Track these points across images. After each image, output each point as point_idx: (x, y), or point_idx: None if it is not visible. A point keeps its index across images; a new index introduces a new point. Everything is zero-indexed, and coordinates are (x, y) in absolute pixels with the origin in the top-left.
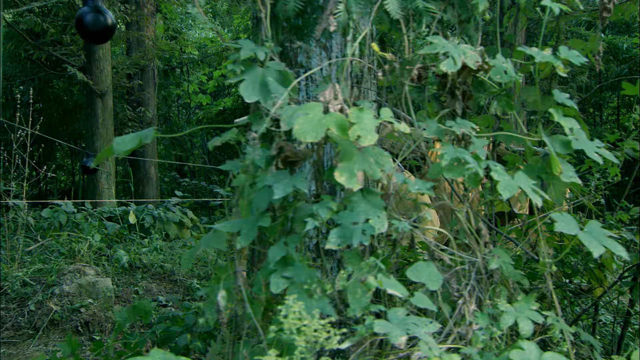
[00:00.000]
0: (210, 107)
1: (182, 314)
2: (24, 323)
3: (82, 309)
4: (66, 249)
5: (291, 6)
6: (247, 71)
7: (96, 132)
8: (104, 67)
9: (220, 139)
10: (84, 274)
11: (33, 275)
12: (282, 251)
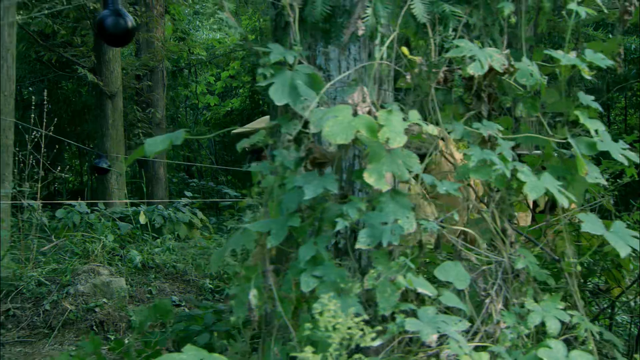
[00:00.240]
0: (218, 107)
1: (201, 313)
2: (39, 322)
3: (97, 308)
4: (80, 249)
5: (319, 10)
6: (276, 75)
7: (106, 133)
8: (114, 68)
9: (249, 141)
10: (98, 273)
11: (48, 275)
12: (311, 251)
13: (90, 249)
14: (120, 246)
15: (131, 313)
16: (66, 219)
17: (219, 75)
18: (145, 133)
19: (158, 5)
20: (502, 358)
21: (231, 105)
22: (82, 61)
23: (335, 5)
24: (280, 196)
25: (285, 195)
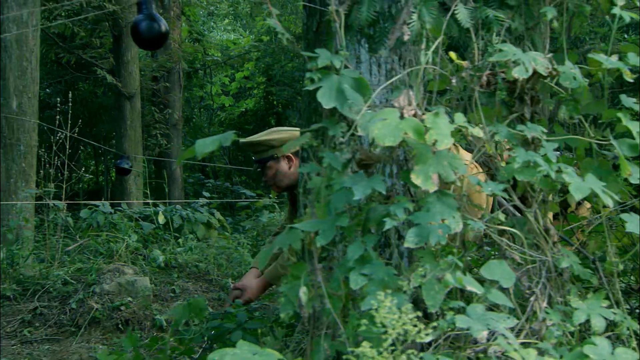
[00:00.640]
0: (233, 108)
1: (233, 311)
2: (66, 320)
3: (122, 307)
4: (104, 248)
5: (364, 16)
6: (323, 79)
7: (124, 134)
8: (132, 69)
9: (296, 143)
10: (123, 273)
11: (73, 275)
12: (360, 250)
13: (114, 248)
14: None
15: (156, 312)
16: (90, 219)
17: (234, 76)
18: (162, 134)
19: (175, 7)
20: (549, 355)
21: (245, 106)
22: (100, 63)
23: (379, 12)
24: (328, 197)
25: (333, 195)
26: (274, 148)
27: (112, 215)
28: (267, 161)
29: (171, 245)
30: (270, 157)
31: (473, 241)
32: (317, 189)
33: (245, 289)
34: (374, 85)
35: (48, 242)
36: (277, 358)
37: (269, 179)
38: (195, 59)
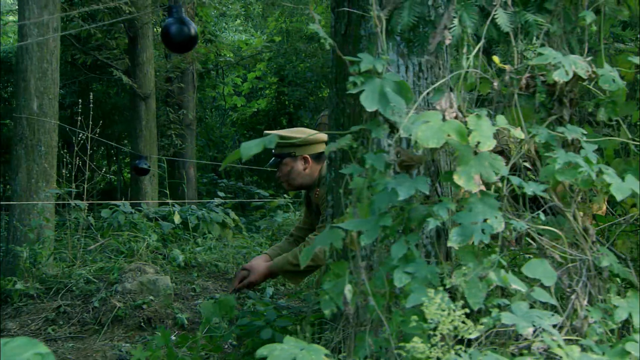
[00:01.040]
0: (244, 108)
1: (262, 310)
2: (89, 319)
3: (144, 305)
4: (125, 248)
5: (405, 21)
6: (366, 82)
7: (139, 135)
8: (147, 70)
9: (336, 145)
10: (144, 272)
11: (95, 274)
12: (403, 249)
13: (135, 247)
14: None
15: (177, 310)
16: (111, 219)
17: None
18: (177, 134)
19: (189, 8)
20: (592, 351)
21: (257, 106)
22: (116, 63)
23: (419, 17)
24: (370, 197)
25: (376, 196)
26: (293, 146)
27: (132, 215)
28: (284, 157)
29: (190, 245)
30: (288, 154)
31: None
32: (358, 189)
33: (251, 270)
34: (414, 88)
35: (70, 241)
36: (323, 353)
37: (282, 175)
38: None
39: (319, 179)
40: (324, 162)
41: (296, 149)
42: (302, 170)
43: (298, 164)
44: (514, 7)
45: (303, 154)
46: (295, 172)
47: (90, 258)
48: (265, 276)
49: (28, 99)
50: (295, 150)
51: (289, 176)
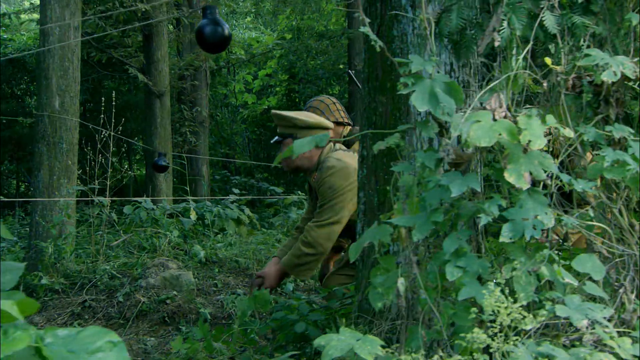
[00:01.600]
0: (255, 105)
1: (296, 304)
2: (114, 313)
3: (168, 300)
4: (148, 243)
5: (454, 23)
6: (417, 83)
7: (154, 132)
8: (162, 68)
9: (384, 143)
10: (167, 267)
11: (119, 269)
12: (455, 244)
13: (157, 243)
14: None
15: (200, 305)
16: (134, 215)
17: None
18: (192, 132)
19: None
20: None
21: (268, 103)
22: (130, 61)
23: (467, 19)
24: (421, 194)
25: (428, 193)
26: (296, 127)
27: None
28: (286, 137)
29: (211, 241)
30: (290, 135)
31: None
32: (407, 186)
33: (265, 277)
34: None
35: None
36: (379, 344)
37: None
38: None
39: (317, 163)
40: (325, 148)
41: (298, 131)
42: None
43: None
44: (560, 10)
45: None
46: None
47: (113, 254)
48: (278, 278)
49: (50, 97)
50: (298, 133)
51: (290, 157)
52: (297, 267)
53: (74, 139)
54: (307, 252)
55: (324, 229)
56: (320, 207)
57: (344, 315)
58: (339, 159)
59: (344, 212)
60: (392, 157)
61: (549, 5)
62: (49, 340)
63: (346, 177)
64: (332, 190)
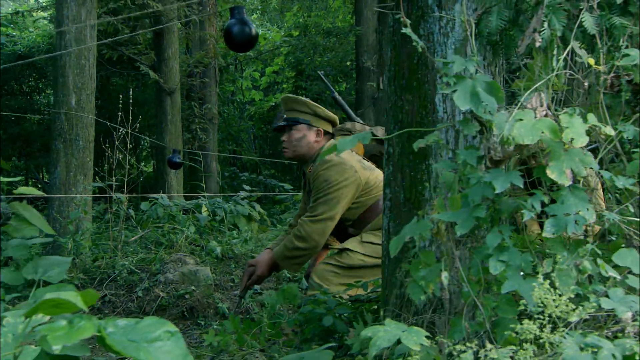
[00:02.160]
0: (262, 102)
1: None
2: (133, 308)
3: (186, 295)
4: (165, 239)
5: (494, 25)
6: (458, 83)
7: (165, 129)
8: (172, 65)
9: (424, 141)
10: (185, 263)
11: (137, 264)
12: (498, 238)
13: (174, 239)
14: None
15: (217, 300)
16: (151, 212)
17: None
18: (202, 128)
19: (211, 3)
20: None
21: (275, 100)
22: (141, 59)
23: (509, 20)
24: (462, 190)
25: (470, 189)
26: (314, 116)
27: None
28: (300, 123)
29: (227, 237)
30: (305, 121)
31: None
32: (448, 183)
33: (257, 265)
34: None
35: (112, 233)
36: (424, 335)
37: (291, 139)
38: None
39: (316, 155)
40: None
41: (314, 119)
42: (311, 142)
43: (311, 134)
44: (599, 11)
45: (319, 127)
46: (305, 141)
47: (130, 249)
48: (269, 267)
49: (67, 94)
50: (313, 120)
51: (298, 143)
52: (287, 259)
53: (90, 136)
54: (299, 245)
55: (318, 224)
56: (314, 201)
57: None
58: (336, 154)
59: (338, 208)
60: (419, 154)
61: (588, 6)
62: (110, 329)
63: (342, 173)
64: (328, 184)
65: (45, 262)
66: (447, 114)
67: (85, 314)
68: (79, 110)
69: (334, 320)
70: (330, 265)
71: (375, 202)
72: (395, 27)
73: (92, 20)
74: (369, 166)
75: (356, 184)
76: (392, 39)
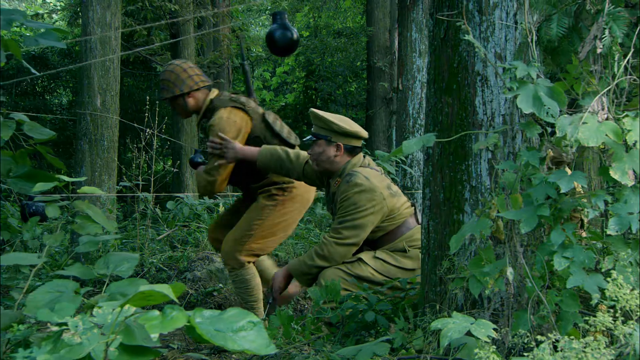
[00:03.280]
0: (273, 102)
1: (364, 294)
2: None
3: (215, 292)
4: (191, 237)
5: (554, 32)
6: (521, 87)
7: (181, 129)
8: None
9: (484, 143)
10: (212, 261)
11: (165, 262)
12: (561, 236)
13: (199, 238)
14: None
15: None
16: (176, 211)
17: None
18: None
19: (224, 5)
20: None
21: (285, 100)
22: (156, 59)
23: (568, 27)
24: (525, 190)
25: (534, 189)
26: (331, 131)
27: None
28: (320, 138)
29: None
30: (325, 137)
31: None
32: (510, 183)
33: (274, 279)
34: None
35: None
36: (492, 327)
37: (313, 153)
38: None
39: (343, 169)
40: (355, 157)
41: (333, 135)
42: (331, 156)
43: (330, 149)
44: None
45: (338, 142)
46: (325, 156)
47: (157, 247)
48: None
49: (92, 95)
50: (332, 136)
51: (319, 157)
52: (304, 275)
53: (114, 136)
54: (320, 264)
55: (343, 247)
56: (340, 222)
57: (409, 305)
58: (367, 178)
59: (363, 234)
60: (457, 155)
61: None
62: (198, 320)
63: (371, 200)
64: (356, 208)
65: (115, 258)
66: (487, 116)
67: (176, 305)
68: (103, 111)
69: (375, 316)
70: (341, 271)
71: (396, 227)
72: (435, 31)
73: (116, 23)
74: (395, 192)
75: (382, 212)
76: (431, 43)
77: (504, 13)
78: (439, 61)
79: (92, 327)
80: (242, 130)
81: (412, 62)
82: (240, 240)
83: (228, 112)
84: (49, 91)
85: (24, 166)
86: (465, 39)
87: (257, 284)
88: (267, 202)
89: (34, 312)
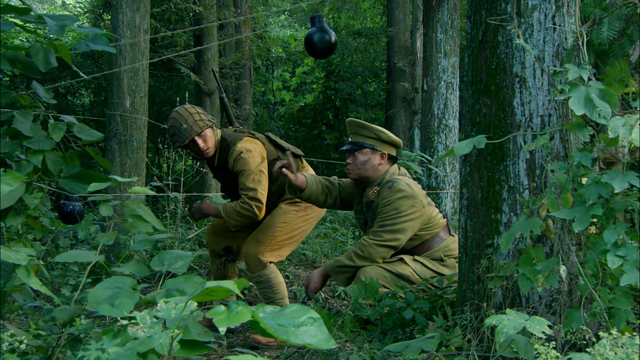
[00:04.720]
0: (292, 103)
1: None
2: None
3: (245, 291)
4: None
5: (605, 35)
6: (573, 89)
7: None
8: (211, 67)
9: (534, 144)
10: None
11: (195, 261)
12: (614, 235)
13: None
14: None
15: None
16: None
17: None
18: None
19: (247, 6)
20: None
21: (304, 101)
22: (180, 61)
23: (619, 31)
24: (577, 190)
25: (587, 189)
26: (378, 140)
27: None
28: (365, 147)
29: None
30: (371, 146)
31: None
32: (561, 183)
33: (309, 280)
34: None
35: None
36: (546, 324)
37: (356, 162)
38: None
39: (382, 178)
40: (391, 168)
41: (379, 144)
42: (376, 164)
43: (375, 158)
44: None
45: (383, 151)
46: (370, 165)
47: (188, 246)
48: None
49: (121, 97)
50: (378, 145)
51: (362, 166)
52: (341, 273)
53: (143, 136)
54: (359, 264)
55: (383, 248)
56: (381, 226)
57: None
58: (409, 186)
59: (403, 239)
60: (495, 155)
61: None
62: (261, 315)
63: (412, 206)
64: (398, 212)
65: (169, 255)
66: (525, 117)
67: (240, 300)
68: (133, 112)
69: (414, 314)
70: (381, 269)
71: (432, 237)
72: (472, 33)
73: (145, 25)
74: (430, 202)
75: (422, 219)
76: (469, 45)
77: (542, 15)
78: (476, 63)
79: (159, 322)
80: (262, 155)
81: (437, 63)
82: (264, 242)
83: (246, 143)
84: (72, 92)
85: (74, 167)
86: (516, 42)
87: (281, 282)
88: (290, 207)
89: (96, 308)
